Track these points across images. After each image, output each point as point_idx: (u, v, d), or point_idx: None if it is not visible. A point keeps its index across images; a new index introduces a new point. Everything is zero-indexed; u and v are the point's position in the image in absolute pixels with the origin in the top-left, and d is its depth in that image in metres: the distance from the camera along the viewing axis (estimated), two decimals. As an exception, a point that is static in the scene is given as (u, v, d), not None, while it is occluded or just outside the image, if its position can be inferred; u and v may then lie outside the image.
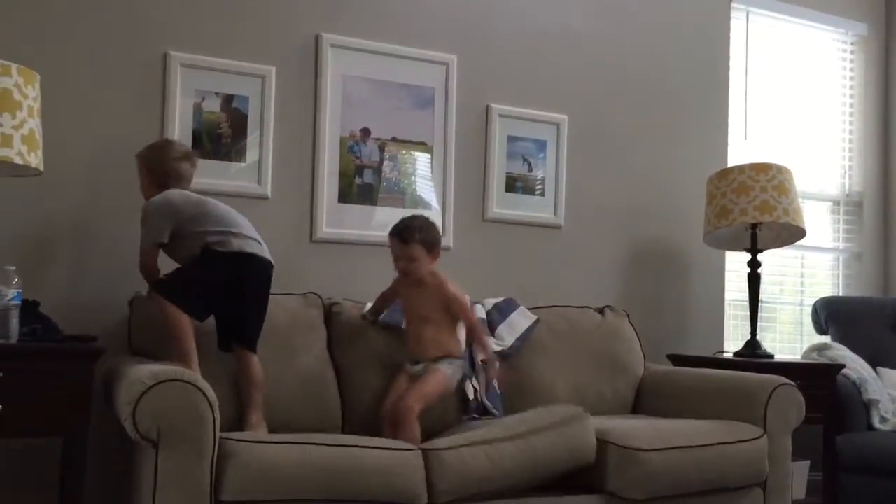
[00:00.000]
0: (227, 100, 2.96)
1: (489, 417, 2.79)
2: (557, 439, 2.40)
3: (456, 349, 2.71)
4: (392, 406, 2.58)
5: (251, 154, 2.99)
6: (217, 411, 2.00)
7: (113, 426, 2.19)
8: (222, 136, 2.95)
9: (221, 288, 2.40)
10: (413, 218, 2.74)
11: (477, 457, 2.28)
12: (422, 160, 3.27)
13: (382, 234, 3.16)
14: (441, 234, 2.84)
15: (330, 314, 2.84)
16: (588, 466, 2.46)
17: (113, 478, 2.57)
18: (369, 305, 2.86)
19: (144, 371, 2.02)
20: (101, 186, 2.74)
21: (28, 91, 2.29)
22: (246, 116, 2.99)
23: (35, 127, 2.31)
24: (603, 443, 2.48)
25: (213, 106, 2.93)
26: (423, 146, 3.28)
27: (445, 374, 2.63)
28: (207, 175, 2.82)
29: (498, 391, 2.90)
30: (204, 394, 1.98)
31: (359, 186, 3.16)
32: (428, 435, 2.53)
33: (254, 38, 3.00)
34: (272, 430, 2.39)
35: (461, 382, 2.80)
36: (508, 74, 3.45)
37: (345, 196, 3.14)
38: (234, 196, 2.93)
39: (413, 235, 2.66)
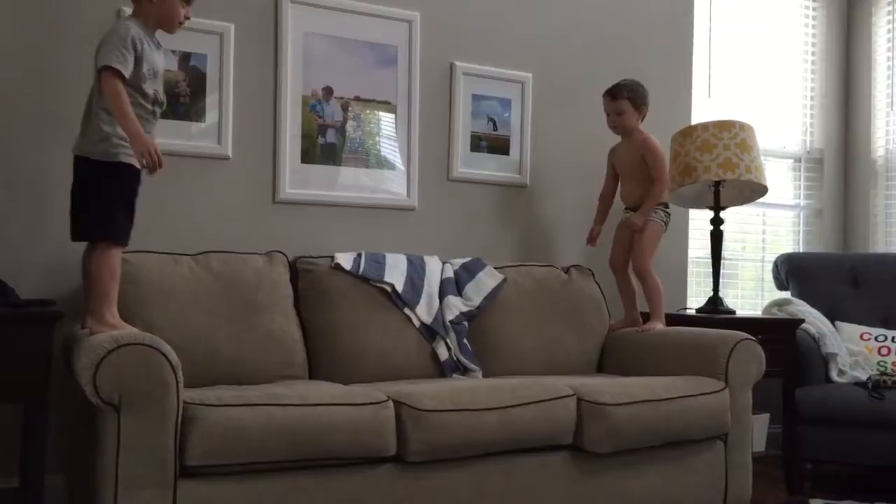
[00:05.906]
0: (185, 58, 2.88)
1: (471, 374, 2.85)
2: (540, 416, 2.40)
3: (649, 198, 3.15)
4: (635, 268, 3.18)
5: (211, 114, 2.93)
6: (180, 374, 1.97)
7: (74, 391, 2.16)
8: (180, 95, 2.88)
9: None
10: (624, 79, 3.19)
11: (458, 423, 2.27)
12: (386, 119, 3.23)
13: (347, 195, 3.15)
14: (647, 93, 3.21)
15: (296, 271, 2.81)
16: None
17: (76, 443, 2.54)
18: (338, 256, 2.85)
19: (104, 335, 1.99)
20: (53, 149, 2.67)
21: (-26, 48, 2.21)
22: (204, 75, 2.91)
23: (-17, 86, 2.24)
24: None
25: (169, 64, 2.84)
26: (387, 105, 3.23)
27: (644, 225, 3.14)
28: (166, 135, 2.74)
29: (470, 348, 2.92)
30: (166, 357, 1.95)
31: (322, 146, 3.12)
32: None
33: (211, -6, 2.92)
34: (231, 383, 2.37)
35: (433, 343, 2.85)
36: (472, 32, 3.40)
37: (308, 156, 3.09)
38: (194, 157, 2.88)
39: (621, 92, 3.15)
